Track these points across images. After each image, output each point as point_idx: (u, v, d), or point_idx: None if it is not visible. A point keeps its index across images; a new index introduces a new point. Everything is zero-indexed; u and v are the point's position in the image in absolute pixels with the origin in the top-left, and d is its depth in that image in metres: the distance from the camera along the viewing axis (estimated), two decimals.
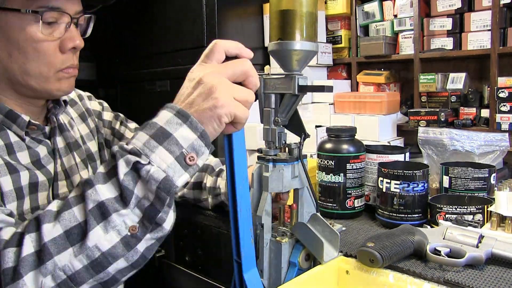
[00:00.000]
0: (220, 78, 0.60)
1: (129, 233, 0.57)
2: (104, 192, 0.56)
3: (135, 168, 0.56)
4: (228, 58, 0.64)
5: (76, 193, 0.59)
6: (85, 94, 1.04)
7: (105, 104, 1.08)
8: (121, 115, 1.09)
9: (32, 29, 0.72)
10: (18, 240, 0.56)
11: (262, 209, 0.72)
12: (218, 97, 0.58)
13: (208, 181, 1.06)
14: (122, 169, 0.56)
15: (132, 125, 1.08)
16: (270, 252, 0.74)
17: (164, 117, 0.59)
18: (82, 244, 0.55)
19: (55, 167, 0.83)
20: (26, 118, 0.77)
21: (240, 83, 0.63)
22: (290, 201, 0.82)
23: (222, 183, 1.03)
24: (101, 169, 0.59)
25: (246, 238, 0.67)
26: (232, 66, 0.62)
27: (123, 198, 0.56)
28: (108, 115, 1.06)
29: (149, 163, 0.56)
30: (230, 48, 0.64)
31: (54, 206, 0.59)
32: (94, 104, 1.04)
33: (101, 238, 0.56)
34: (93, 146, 0.97)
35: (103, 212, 0.56)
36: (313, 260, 0.75)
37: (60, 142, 0.86)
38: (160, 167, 0.57)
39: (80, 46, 0.77)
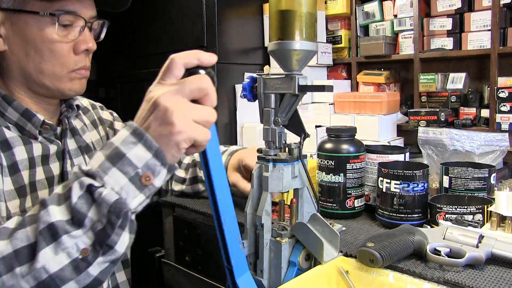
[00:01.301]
0: (177, 100, 0.56)
1: (80, 256, 0.55)
2: (56, 214, 0.55)
3: (89, 191, 0.55)
4: (189, 70, 0.59)
5: (32, 212, 0.58)
6: (97, 104, 1.08)
7: (115, 114, 1.12)
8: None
9: (48, 30, 0.77)
10: None
11: (262, 209, 0.72)
12: (174, 122, 0.55)
13: (202, 173, 1.09)
14: (76, 191, 0.55)
15: None
16: (270, 252, 0.74)
17: (121, 136, 0.57)
18: (31, 265, 0.54)
19: (65, 167, 0.85)
20: (41, 117, 0.81)
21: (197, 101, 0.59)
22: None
23: None
24: (58, 189, 0.58)
25: (234, 245, 0.65)
26: (189, 84, 0.57)
27: (76, 221, 0.55)
28: (119, 125, 1.09)
29: (102, 185, 0.55)
30: (189, 61, 0.59)
31: (12, 223, 0.58)
32: (106, 114, 1.08)
33: (50, 260, 0.54)
34: None
35: (53, 234, 0.54)
36: (313, 260, 0.75)
37: (71, 144, 0.89)
38: (113, 189, 0.55)
39: (92, 48, 0.83)
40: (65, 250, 0.55)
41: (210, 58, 0.60)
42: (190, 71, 0.59)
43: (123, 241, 0.57)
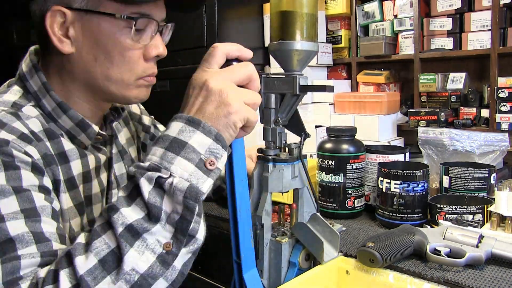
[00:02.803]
0: (227, 83, 0.59)
1: (164, 251, 0.55)
2: (130, 214, 0.55)
3: (158, 184, 0.55)
4: (228, 61, 0.63)
5: (101, 221, 0.57)
6: None
7: (142, 107, 1.05)
8: (153, 118, 1.07)
9: (123, 35, 0.70)
10: (53, 277, 0.54)
11: (262, 209, 0.72)
12: (230, 103, 0.58)
13: None
14: (146, 187, 0.55)
15: (162, 127, 1.06)
16: (270, 252, 0.74)
17: (175, 128, 0.58)
18: (119, 270, 0.53)
19: (110, 176, 0.82)
20: (96, 128, 0.75)
21: (242, 87, 0.62)
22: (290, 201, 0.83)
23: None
24: (121, 193, 0.57)
25: (245, 238, 0.66)
26: (237, 70, 0.61)
27: (152, 217, 0.55)
28: (147, 120, 1.03)
29: (170, 175, 0.55)
30: (231, 51, 0.63)
31: (82, 238, 0.57)
32: (135, 107, 1.02)
33: (137, 260, 0.54)
34: (133, 151, 0.95)
35: (133, 234, 0.54)
36: (313, 260, 0.75)
37: (113, 149, 0.85)
38: (182, 177, 0.55)
39: (163, 54, 0.75)
40: (148, 248, 0.54)
41: (248, 53, 0.65)
42: (228, 62, 0.63)
43: (202, 228, 0.57)
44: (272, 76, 0.74)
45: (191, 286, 1.18)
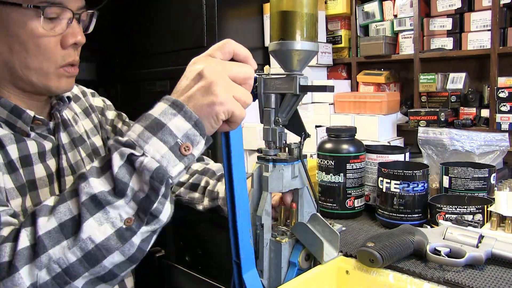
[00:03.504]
0: (222, 74, 0.59)
1: (124, 226, 0.56)
2: (97, 185, 0.56)
3: (130, 160, 0.56)
4: (232, 60, 0.64)
5: (72, 187, 0.59)
6: (88, 90, 1.04)
7: (108, 102, 1.08)
8: (124, 114, 1.10)
9: (33, 24, 0.71)
10: (14, 235, 0.57)
11: (262, 209, 0.72)
12: (217, 93, 0.58)
13: (208, 184, 1.06)
14: (117, 162, 0.56)
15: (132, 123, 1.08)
16: (270, 252, 0.74)
17: (159, 108, 0.59)
18: (76, 236, 0.55)
19: (61, 163, 0.83)
20: (31, 113, 0.77)
21: None
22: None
23: (221, 188, 1.02)
24: (95, 163, 0.59)
25: (245, 239, 0.66)
26: (237, 67, 0.62)
27: (118, 191, 0.56)
28: (111, 114, 1.06)
29: (143, 154, 0.56)
30: (240, 52, 0.64)
31: (51, 201, 0.59)
32: (98, 101, 1.05)
33: (95, 230, 0.55)
34: (97, 140, 0.97)
35: (96, 205, 0.55)
36: (313, 260, 0.75)
37: (64, 137, 0.86)
38: (154, 157, 0.56)
39: (81, 42, 0.77)
40: (109, 220, 0.56)
41: (254, 63, 0.65)
42: (232, 61, 0.63)
43: (167, 210, 0.58)
44: (272, 76, 0.74)
45: (191, 286, 1.18)
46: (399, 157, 1.04)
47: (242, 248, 0.66)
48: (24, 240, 0.55)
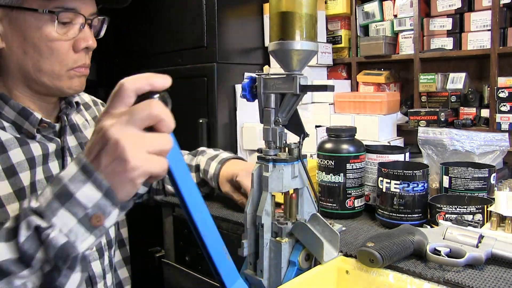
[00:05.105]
0: (128, 131, 0.51)
1: None
2: (4, 252, 0.53)
3: (37, 232, 0.52)
4: (141, 96, 0.54)
5: None
6: (99, 100, 1.07)
7: None
8: None
9: (47, 28, 0.75)
10: None
11: (262, 209, 0.72)
12: (127, 158, 0.51)
13: (186, 160, 1.14)
14: (23, 232, 0.52)
15: None
16: (270, 252, 0.74)
17: (69, 172, 0.53)
18: None
19: (65, 164, 0.84)
20: (38, 115, 0.79)
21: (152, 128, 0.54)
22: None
23: (201, 160, 1.13)
24: (9, 222, 0.55)
25: (220, 258, 0.63)
26: (139, 112, 0.52)
27: (24, 261, 0.52)
28: None
29: (50, 226, 0.52)
30: (140, 86, 0.53)
31: None
32: None
33: None
34: None
35: (1, 273, 0.52)
36: (313, 260, 0.75)
37: (71, 141, 0.88)
38: (61, 231, 0.52)
39: (92, 46, 0.81)
40: None
41: (163, 82, 0.55)
42: (142, 97, 0.54)
43: (73, 282, 0.54)
44: (272, 76, 0.74)
45: (191, 286, 1.18)
46: (399, 157, 1.04)
47: (220, 267, 0.63)
48: None
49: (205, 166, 1.13)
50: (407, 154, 1.08)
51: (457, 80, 1.49)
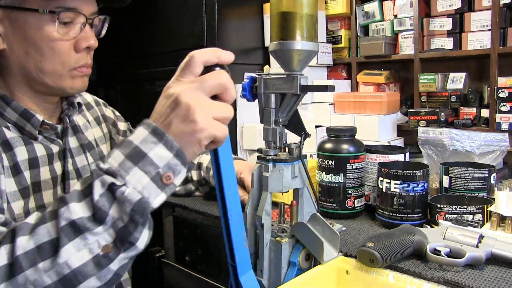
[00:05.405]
0: (198, 97, 0.57)
1: (101, 253, 0.55)
2: (77, 211, 0.55)
3: (111, 189, 0.55)
4: (207, 67, 0.60)
5: (52, 207, 0.58)
6: (101, 100, 1.07)
7: (117, 113, 1.11)
8: (129, 124, 1.12)
9: (48, 28, 0.75)
10: None
11: (262, 209, 0.72)
12: (196, 120, 0.55)
13: (193, 175, 1.16)
14: (98, 189, 0.55)
15: None
16: (270, 252, 0.74)
17: (139, 135, 0.57)
18: (53, 260, 0.54)
19: (66, 166, 0.84)
20: (40, 117, 0.79)
21: (216, 97, 0.60)
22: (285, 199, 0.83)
23: (203, 158, 1.14)
24: (77, 186, 0.58)
25: (239, 242, 0.66)
26: (209, 81, 0.58)
27: (97, 218, 0.55)
28: (122, 125, 1.08)
29: (124, 184, 0.55)
30: (208, 58, 0.60)
31: (32, 218, 0.58)
32: (109, 112, 1.07)
33: (72, 255, 0.55)
34: (105, 149, 0.99)
35: (75, 231, 0.55)
36: (313, 260, 0.75)
37: (73, 142, 0.88)
38: (135, 188, 0.55)
39: (94, 46, 0.81)
40: (87, 247, 0.55)
41: (228, 56, 0.61)
42: (208, 69, 0.60)
43: (144, 238, 0.58)
44: (272, 76, 0.74)
45: (191, 286, 1.18)
46: (399, 157, 1.04)
47: (237, 251, 0.66)
48: (3, 258, 0.55)
49: (207, 164, 1.13)
50: (407, 154, 1.08)
51: (457, 80, 1.49)
